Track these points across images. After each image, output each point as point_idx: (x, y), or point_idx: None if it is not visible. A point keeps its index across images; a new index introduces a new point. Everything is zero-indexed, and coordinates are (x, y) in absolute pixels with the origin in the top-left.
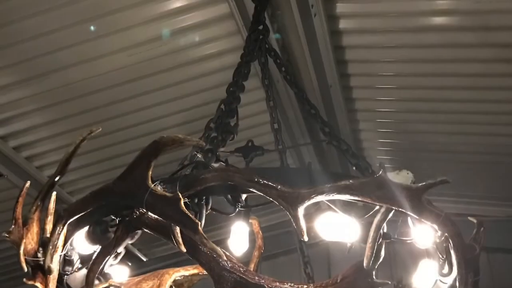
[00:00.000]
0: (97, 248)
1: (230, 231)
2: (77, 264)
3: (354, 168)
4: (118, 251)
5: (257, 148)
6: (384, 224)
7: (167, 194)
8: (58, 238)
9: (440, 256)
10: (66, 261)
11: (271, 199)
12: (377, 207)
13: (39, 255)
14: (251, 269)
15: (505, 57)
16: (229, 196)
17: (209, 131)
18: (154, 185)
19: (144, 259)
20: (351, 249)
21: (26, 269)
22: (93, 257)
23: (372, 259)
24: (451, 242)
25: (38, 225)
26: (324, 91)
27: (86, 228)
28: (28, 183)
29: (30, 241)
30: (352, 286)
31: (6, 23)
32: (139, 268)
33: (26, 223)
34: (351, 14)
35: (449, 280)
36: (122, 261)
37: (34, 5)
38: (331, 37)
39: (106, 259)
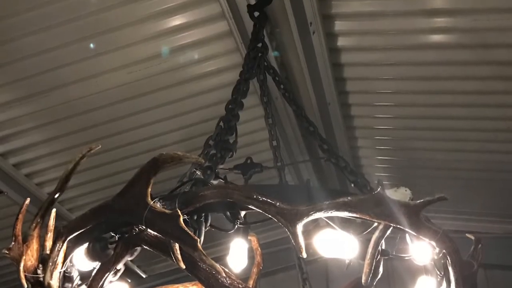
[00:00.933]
0: (96, 264)
1: (229, 247)
2: (77, 281)
3: (352, 185)
4: (118, 267)
5: (256, 165)
6: (382, 241)
7: (166, 211)
8: (57, 255)
9: (438, 273)
10: (66, 277)
11: (270, 216)
12: (376, 224)
13: (39, 271)
14: (250, 286)
15: (502, 75)
16: (228, 213)
17: (208, 148)
18: (154, 202)
19: (144, 276)
20: (350, 265)
21: (26, 286)
22: (93, 274)
23: (371, 275)
24: (449, 258)
25: (38, 242)
26: (323, 109)
27: (86, 244)
28: (28, 200)
29: (30, 258)
30: None
31: (6, 40)
32: (139, 285)
33: (26, 239)
34: (349, 32)
35: None
36: (122, 277)
37: (34, 23)
38: (330, 55)
39: (106, 275)
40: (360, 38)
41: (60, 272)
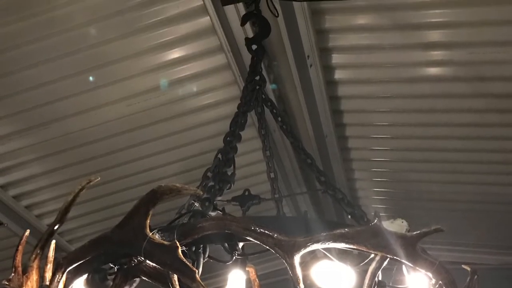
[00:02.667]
0: None
1: (227, 279)
2: None
3: (349, 216)
4: None
5: (254, 197)
6: (379, 272)
7: (165, 242)
8: (57, 286)
9: None
10: None
11: (267, 247)
12: (372, 255)
13: None
14: None
15: (498, 107)
16: (226, 244)
17: (206, 180)
18: (152, 234)
19: None
20: None
21: None
22: None
23: None
24: None
25: (38, 273)
26: (320, 141)
27: (85, 276)
28: (27, 232)
29: None
30: None
31: (5, 73)
32: None
33: (25, 271)
34: (346, 64)
35: None
36: None
37: (33, 56)
38: (327, 87)
39: None
40: (357, 71)
41: None
